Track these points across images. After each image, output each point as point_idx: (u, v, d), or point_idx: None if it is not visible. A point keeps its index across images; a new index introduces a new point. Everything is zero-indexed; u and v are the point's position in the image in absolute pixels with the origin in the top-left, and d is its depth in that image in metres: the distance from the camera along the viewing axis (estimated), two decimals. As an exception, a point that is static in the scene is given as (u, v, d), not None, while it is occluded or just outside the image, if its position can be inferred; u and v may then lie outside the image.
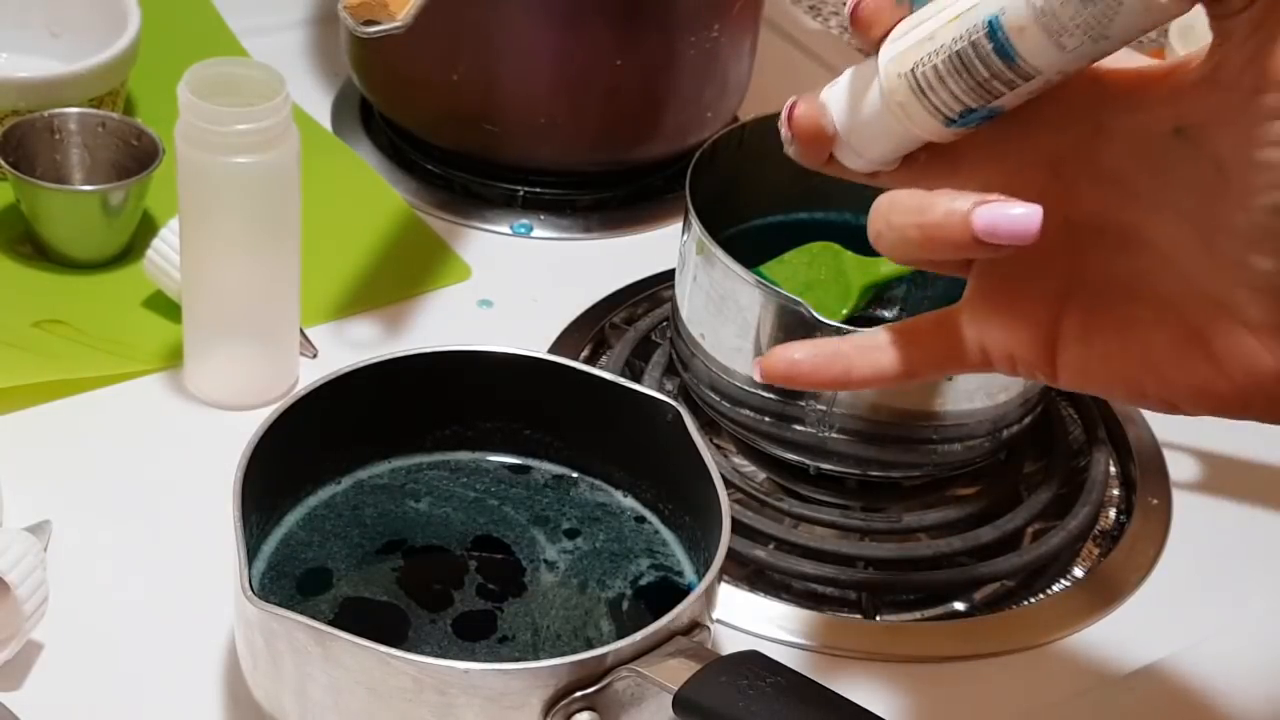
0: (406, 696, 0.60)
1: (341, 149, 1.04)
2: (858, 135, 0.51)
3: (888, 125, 0.50)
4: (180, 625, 0.72)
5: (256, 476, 0.67)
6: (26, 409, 0.82)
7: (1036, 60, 0.46)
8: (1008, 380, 0.80)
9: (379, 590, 0.70)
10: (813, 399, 0.79)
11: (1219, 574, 0.82)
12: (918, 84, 0.48)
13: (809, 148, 0.52)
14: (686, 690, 0.60)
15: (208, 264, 0.81)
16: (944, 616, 0.79)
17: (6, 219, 0.94)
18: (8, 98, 0.94)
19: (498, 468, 0.76)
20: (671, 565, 0.72)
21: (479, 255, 0.97)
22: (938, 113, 0.48)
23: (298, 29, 1.16)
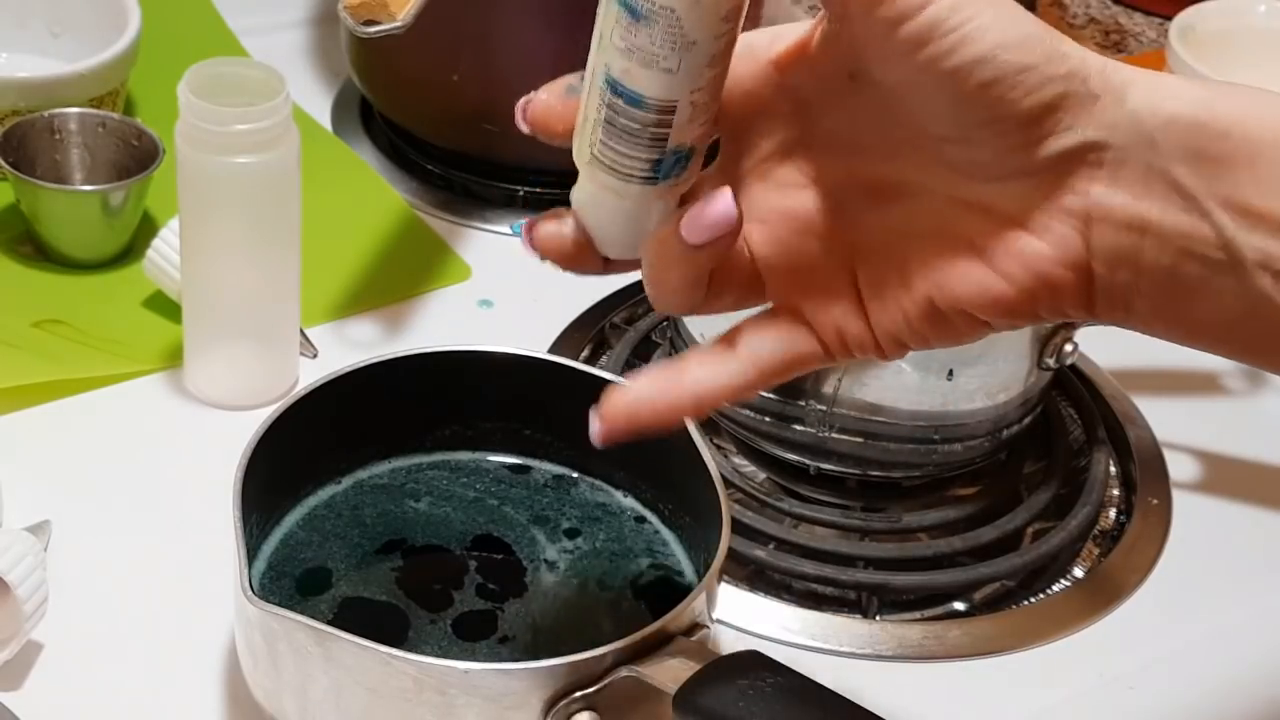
0: (407, 696, 0.60)
1: (341, 149, 1.04)
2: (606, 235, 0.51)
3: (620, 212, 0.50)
4: (180, 625, 0.72)
5: (256, 476, 0.67)
6: (26, 409, 0.82)
7: (661, 92, 0.47)
8: (1008, 380, 0.80)
9: (378, 590, 0.70)
10: (812, 399, 0.79)
11: (1219, 574, 0.82)
12: (604, 163, 0.49)
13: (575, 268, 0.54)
14: (686, 690, 0.60)
15: (208, 264, 0.81)
16: (944, 616, 0.79)
17: (6, 219, 0.94)
18: (8, 98, 0.94)
19: (498, 468, 0.76)
20: (671, 565, 0.72)
21: (479, 255, 0.97)
22: (636, 177, 0.49)
23: (298, 29, 1.16)
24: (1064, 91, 0.45)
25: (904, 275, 0.49)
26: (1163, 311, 0.48)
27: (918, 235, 0.49)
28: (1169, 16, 1.10)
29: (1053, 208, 0.47)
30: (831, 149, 0.50)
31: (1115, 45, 1.27)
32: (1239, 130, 0.45)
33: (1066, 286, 0.48)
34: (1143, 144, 0.45)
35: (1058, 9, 1.30)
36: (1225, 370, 0.95)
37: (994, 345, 0.79)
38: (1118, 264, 0.47)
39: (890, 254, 0.50)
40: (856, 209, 0.50)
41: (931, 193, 0.49)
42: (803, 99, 0.50)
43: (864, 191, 0.50)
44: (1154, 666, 0.76)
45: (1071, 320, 0.50)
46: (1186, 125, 0.45)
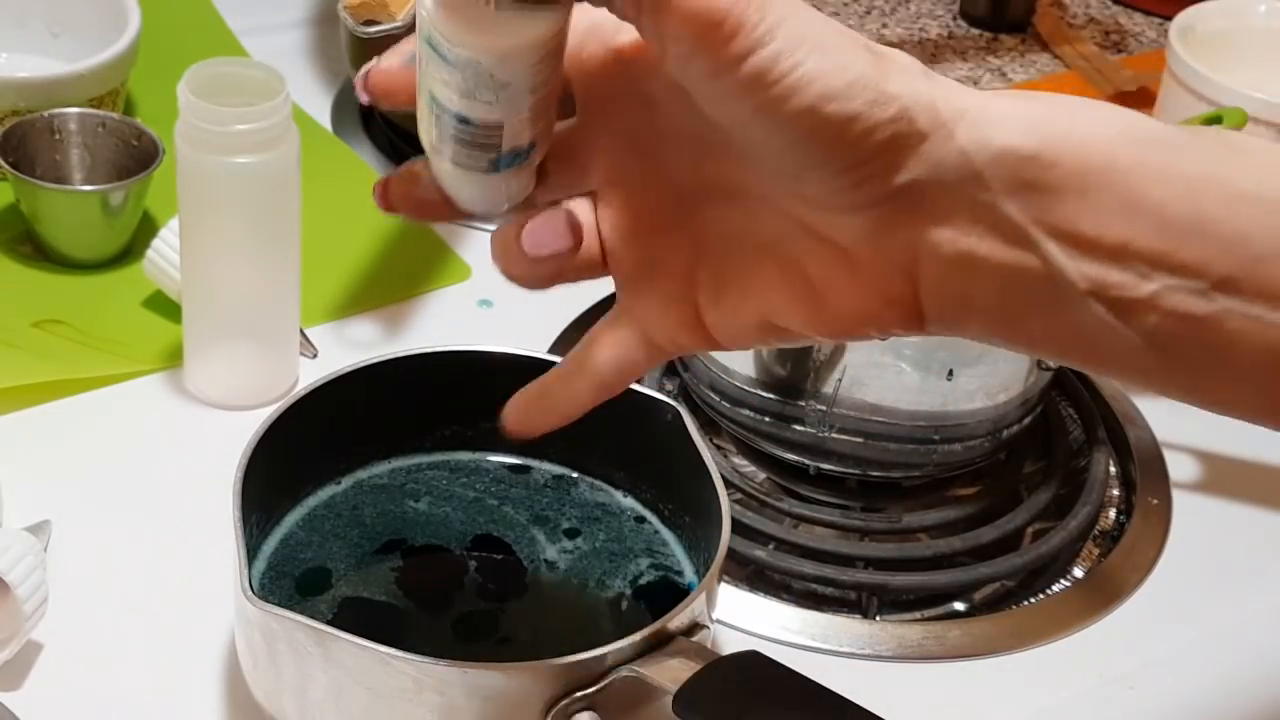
0: (406, 696, 0.60)
1: (341, 149, 1.04)
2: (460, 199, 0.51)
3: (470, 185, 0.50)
4: (180, 625, 0.72)
5: (256, 476, 0.67)
6: (26, 409, 0.82)
7: (485, 117, 0.47)
8: (1008, 380, 0.80)
9: (378, 590, 0.70)
10: (813, 399, 0.79)
11: (1219, 574, 0.82)
12: (444, 155, 0.49)
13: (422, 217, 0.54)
14: (686, 690, 0.60)
15: (208, 264, 0.81)
16: (944, 616, 0.79)
17: (6, 219, 0.94)
18: (8, 98, 0.94)
19: (498, 468, 0.76)
20: (671, 565, 0.72)
21: (479, 255, 0.97)
22: (477, 169, 0.49)
23: (298, 29, 1.16)
24: (890, 135, 0.44)
25: (741, 289, 0.50)
26: (996, 333, 0.48)
27: (756, 245, 0.49)
28: (1169, 16, 1.10)
29: (881, 245, 0.46)
30: (676, 142, 0.50)
31: (1115, 45, 1.27)
32: (1069, 157, 0.45)
33: (894, 317, 0.48)
34: (969, 180, 0.45)
35: (1058, 9, 1.30)
36: (1225, 370, 0.95)
37: (994, 345, 0.79)
38: (947, 298, 0.47)
39: (730, 259, 0.50)
40: (702, 202, 0.50)
41: (769, 203, 0.48)
42: (647, 92, 0.49)
43: (708, 187, 0.50)
44: (1154, 666, 0.76)
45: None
46: (1015, 159, 0.45)
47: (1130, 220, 0.45)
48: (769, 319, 0.50)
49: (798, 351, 0.79)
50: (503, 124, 0.47)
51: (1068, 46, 1.24)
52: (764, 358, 0.80)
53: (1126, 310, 0.46)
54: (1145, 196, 0.45)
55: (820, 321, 0.49)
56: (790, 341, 0.51)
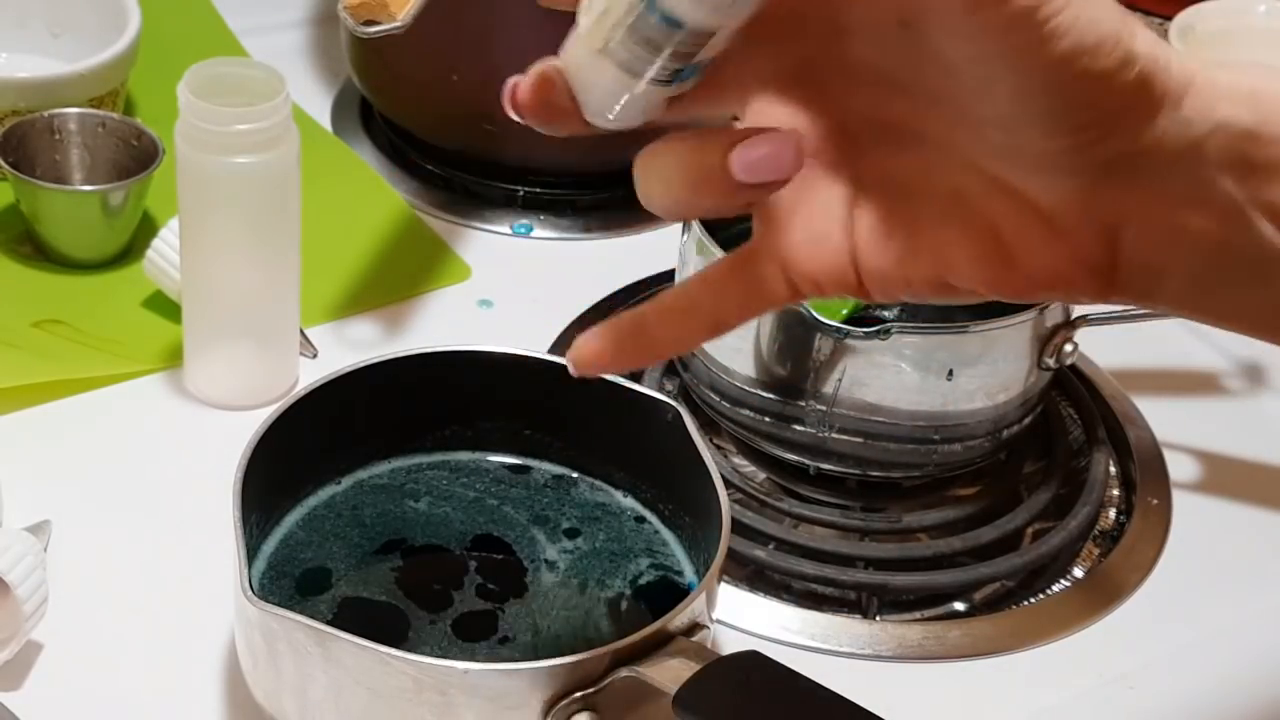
0: (406, 697, 0.60)
1: (341, 149, 1.04)
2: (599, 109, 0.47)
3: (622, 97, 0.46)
4: (180, 625, 0.72)
5: (256, 476, 0.67)
6: (26, 409, 0.82)
7: (707, 21, 0.43)
8: (1008, 380, 0.80)
9: (378, 590, 0.70)
10: (812, 399, 0.79)
11: (1219, 574, 0.82)
12: (618, 60, 0.45)
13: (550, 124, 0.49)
14: (686, 690, 0.60)
15: (208, 264, 0.81)
16: (944, 616, 0.79)
17: (6, 219, 0.94)
18: (8, 98, 0.94)
19: (498, 468, 0.76)
20: (671, 565, 0.72)
21: (479, 255, 0.97)
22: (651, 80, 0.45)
23: (298, 29, 1.16)
24: (1130, 99, 0.43)
25: (913, 239, 0.47)
26: (1188, 304, 0.47)
27: (931, 194, 0.46)
28: (1169, 16, 1.10)
29: (1089, 209, 0.45)
30: (857, 77, 0.47)
31: (1115, 45, 1.27)
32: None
33: (1086, 283, 0.46)
34: (1190, 153, 0.44)
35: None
36: (1225, 370, 0.95)
37: (994, 345, 0.79)
38: (1146, 267, 0.46)
39: (898, 206, 0.47)
40: (869, 143, 0.47)
41: (957, 155, 0.46)
42: (840, 21, 0.46)
43: (882, 128, 0.47)
44: (1154, 666, 0.76)
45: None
46: (1234, 133, 0.44)
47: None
48: (943, 276, 0.47)
49: (798, 351, 0.79)
50: (716, 31, 0.44)
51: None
52: (764, 357, 0.80)
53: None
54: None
55: (1004, 281, 0.47)
56: (955, 299, 0.48)
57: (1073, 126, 0.43)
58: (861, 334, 0.76)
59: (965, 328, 0.78)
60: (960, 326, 0.79)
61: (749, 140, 0.45)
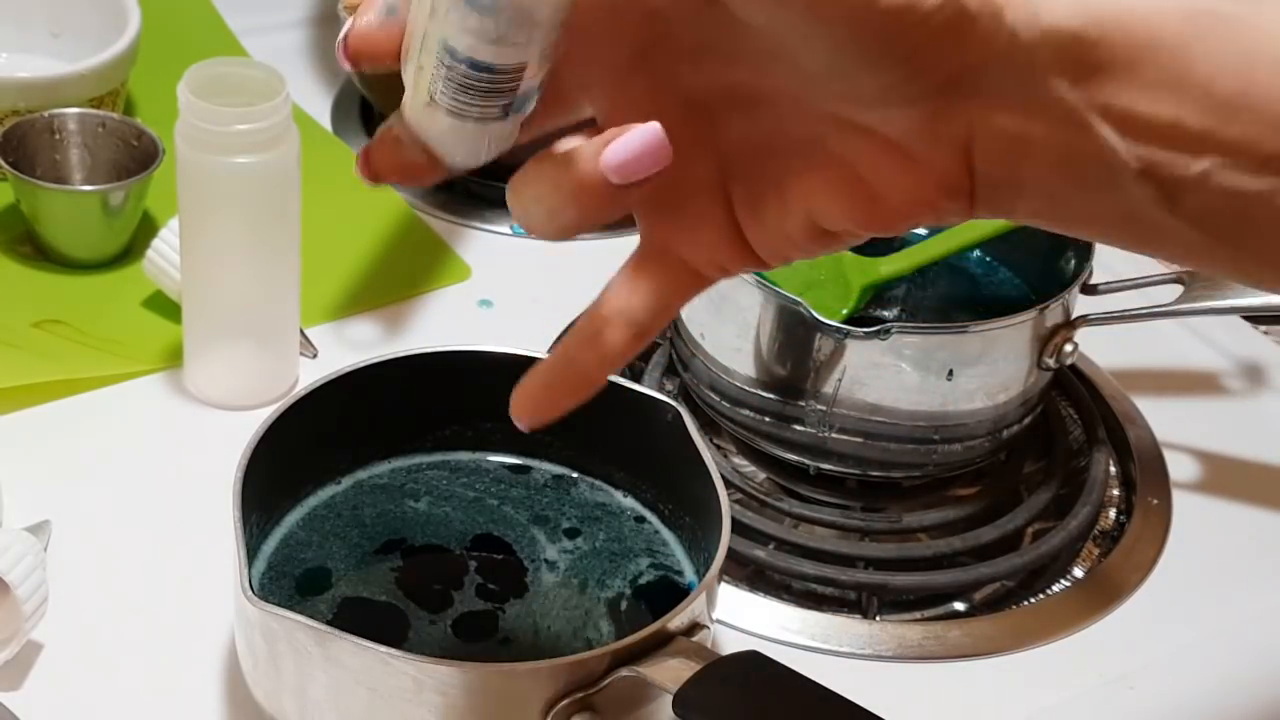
0: (406, 697, 0.60)
1: (341, 149, 1.04)
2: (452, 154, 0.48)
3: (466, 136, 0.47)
4: (180, 625, 0.72)
5: (256, 476, 0.67)
6: (26, 409, 0.82)
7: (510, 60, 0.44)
8: (1008, 380, 0.80)
9: (378, 590, 0.70)
10: (812, 399, 0.79)
11: (1219, 574, 0.82)
12: (446, 108, 0.46)
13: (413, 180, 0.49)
14: (686, 690, 0.60)
15: (208, 264, 0.81)
16: (944, 616, 0.79)
17: (6, 219, 0.94)
18: (8, 98, 0.94)
19: (498, 468, 0.76)
20: (671, 565, 0.72)
21: (479, 255, 0.97)
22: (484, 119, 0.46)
23: (298, 29, 1.16)
24: (942, 23, 0.43)
25: (781, 194, 0.47)
26: (1043, 214, 0.47)
27: (792, 149, 0.47)
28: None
29: (936, 133, 0.45)
30: (687, 55, 0.47)
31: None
32: (1119, 33, 0.44)
33: (948, 204, 0.47)
34: (1021, 62, 0.44)
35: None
36: (1225, 370, 0.95)
37: (994, 345, 0.79)
38: (1000, 180, 0.46)
39: (763, 168, 0.48)
40: (721, 116, 0.48)
41: (802, 106, 0.46)
42: (651, 6, 0.47)
43: (728, 98, 0.47)
44: (1154, 666, 0.76)
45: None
46: (1064, 37, 0.44)
47: (1179, 97, 0.44)
48: (817, 223, 0.47)
49: (798, 351, 0.79)
50: (526, 65, 0.44)
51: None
52: (764, 357, 0.80)
53: (1176, 189, 0.45)
54: (1193, 72, 0.44)
55: (873, 217, 0.47)
56: (837, 245, 0.48)
57: (894, 61, 0.43)
58: (861, 334, 0.77)
59: (965, 328, 0.78)
60: (960, 326, 0.79)
61: (614, 143, 0.46)
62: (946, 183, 0.46)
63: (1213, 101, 0.44)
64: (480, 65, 0.44)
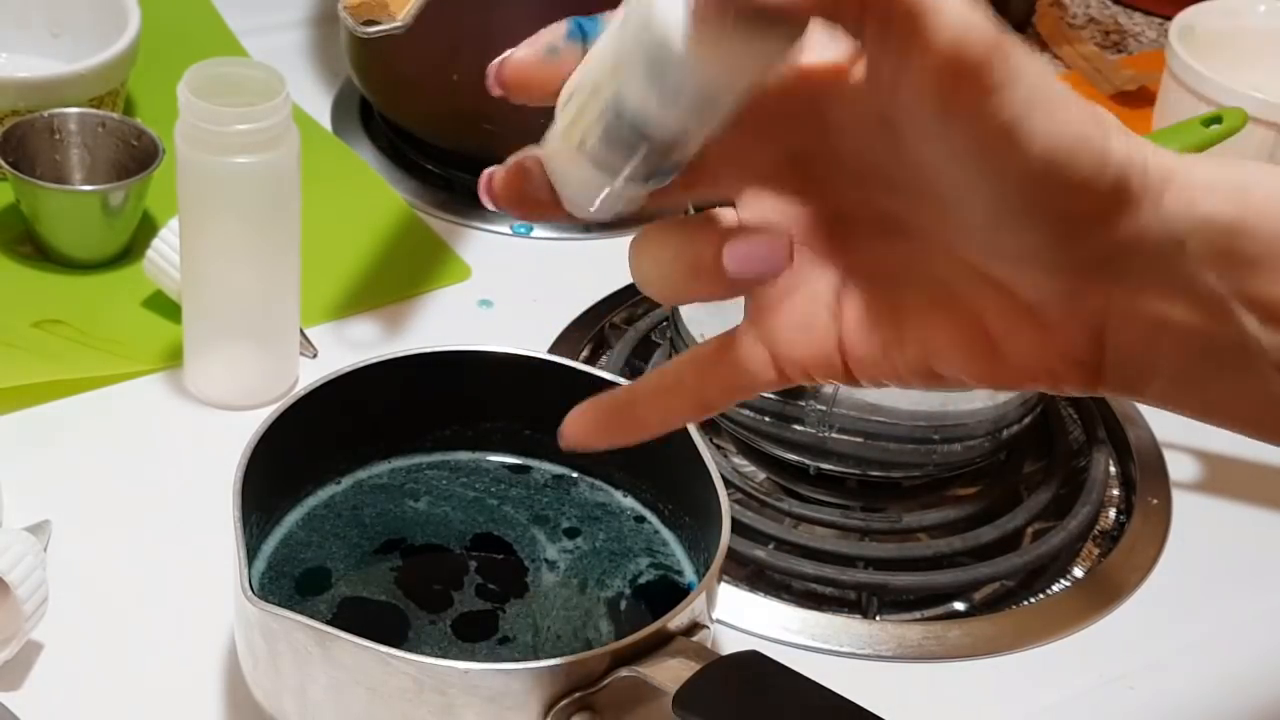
0: (406, 697, 0.60)
1: (341, 149, 1.04)
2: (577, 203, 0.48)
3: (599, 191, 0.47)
4: (180, 626, 0.72)
5: (256, 476, 0.67)
6: (26, 409, 0.82)
7: (673, 130, 0.44)
8: (1008, 380, 0.80)
9: (378, 590, 0.70)
10: (812, 399, 0.79)
11: (1219, 574, 0.82)
12: (593, 159, 0.46)
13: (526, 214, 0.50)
14: (686, 690, 0.60)
15: (208, 264, 0.81)
16: (944, 616, 0.79)
17: (6, 219, 0.94)
18: (8, 98, 0.94)
19: (498, 468, 0.76)
20: (671, 565, 0.72)
21: (479, 255, 0.97)
22: (625, 178, 0.46)
23: (298, 29, 1.16)
24: (1108, 200, 0.43)
25: (898, 327, 0.48)
26: (1174, 398, 0.47)
27: (919, 284, 0.47)
28: (1169, 16, 1.10)
29: (1074, 305, 0.45)
30: (846, 169, 0.47)
31: (1115, 45, 1.27)
32: (1270, 226, 0.44)
33: (1073, 376, 0.47)
34: (1172, 248, 0.44)
35: (1057, 9, 1.30)
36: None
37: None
38: (1132, 361, 0.46)
39: (886, 296, 0.48)
40: (859, 232, 0.48)
41: (944, 247, 0.46)
42: (827, 116, 0.46)
43: (871, 218, 0.47)
44: (1154, 666, 0.76)
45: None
46: (1216, 228, 0.44)
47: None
48: (930, 365, 0.48)
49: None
50: (686, 141, 0.44)
51: (1068, 46, 1.24)
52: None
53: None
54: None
55: (992, 373, 0.47)
56: (943, 388, 0.49)
57: (1051, 227, 0.43)
58: (861, 334, 0.76)
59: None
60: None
61: (740, 237, 0.46)
62: (1074, 355, 0.46)
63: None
64: (642, 130, 0.44)
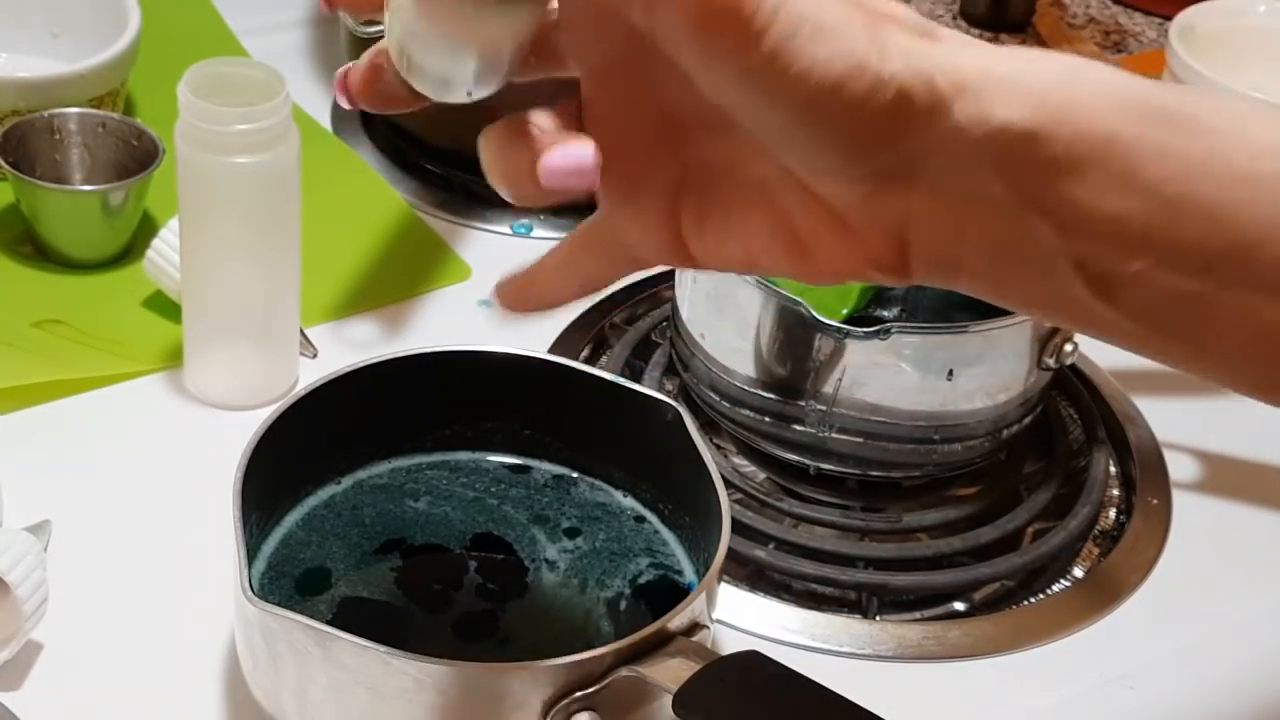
0: (406, 697, 0.60)
1: (341, 149, 1.04)
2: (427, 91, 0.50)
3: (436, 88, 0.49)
4: (180, 625, 0.72)
5: (256, 476, 0.67)
6: (26, 409, 0.82)
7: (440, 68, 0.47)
8: (1008, 380, 0.80)
9: (378, 590, 0.70)
10: (812, 399, 0.79)
11: (1219, 574, 0.82)
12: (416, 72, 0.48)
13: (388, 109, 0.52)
14: (686, 690, 0.60)
15: (208, 264, 0.81)
16: (944, 616, 0.79)
17: (6, 219, 0.94)
18: (8, 98, 0.94)
19: (498, 468, 0.76)
20: (671, 565, 0.72)
21: (479, 255, 0.97)
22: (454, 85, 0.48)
23: (298, 29, 1.16)
24: (888, 117, 0.44)
25: (724, 223, 0.49)
26: (982, 292, 0.48)
27: (745, 184, 0.49)
28: (1169, 16, 1.10)
29: (873, 211, 0.46)
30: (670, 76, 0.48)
31: (1115, 45, 1.27)
32: (1066, 132, 0.44)
33: (882, 277, 0.48)
34: (963, 156, 0.45)
35: (1057, 9, 1.30)
36: (1225, 370, 0.95)
37: (994, 345, 0.79)
38: (935, 260, 0.47)
39: (715, 191, 0.49)
40: (690, 130, 0.49)
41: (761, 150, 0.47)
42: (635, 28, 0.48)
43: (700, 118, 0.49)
44: (1154, 666, 0.76)
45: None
46: (1010, 136, 0.44)
47: (1123, 198, 0.44)
48: (752, 258, 0.50)
49: (798, 351, 0.79)
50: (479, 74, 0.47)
51: (1068, 46, 1.24)
52: (764, 357, 0.80)
53: (1114, 284, 0.45)
54: (1141, 174, 0.44)
55: (803, 271, 0.49)
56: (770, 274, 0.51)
57: (835, 145, 0.44)
58: (861, 334, 0.77)
59: (965, 328, 0.78)
60: (960, 326, 0.79)
61: (552, 151, 0.48)
62: (876, 257, 0.48)
63: (1158, 204, 0.44)
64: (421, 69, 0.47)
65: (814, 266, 0.49)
